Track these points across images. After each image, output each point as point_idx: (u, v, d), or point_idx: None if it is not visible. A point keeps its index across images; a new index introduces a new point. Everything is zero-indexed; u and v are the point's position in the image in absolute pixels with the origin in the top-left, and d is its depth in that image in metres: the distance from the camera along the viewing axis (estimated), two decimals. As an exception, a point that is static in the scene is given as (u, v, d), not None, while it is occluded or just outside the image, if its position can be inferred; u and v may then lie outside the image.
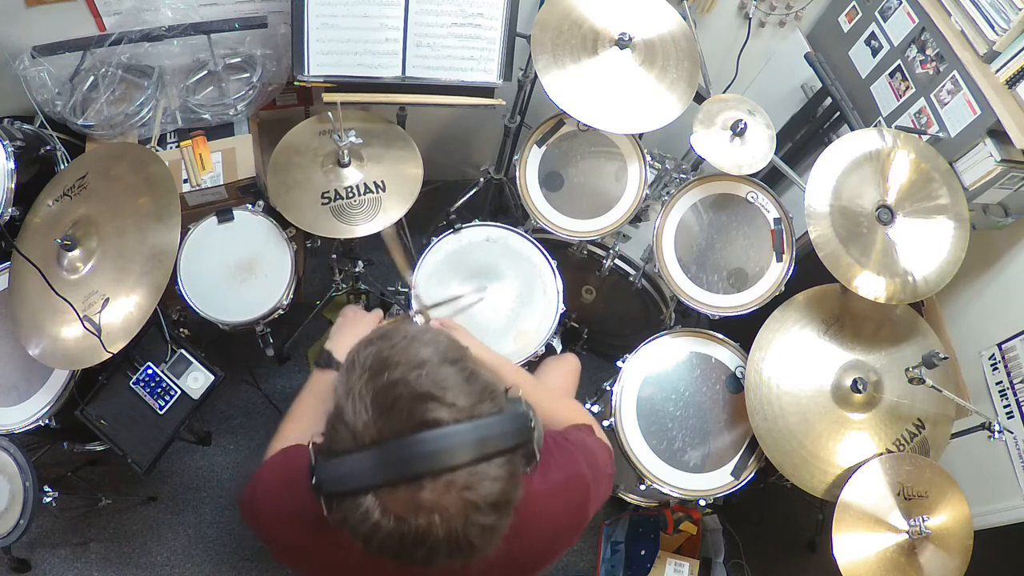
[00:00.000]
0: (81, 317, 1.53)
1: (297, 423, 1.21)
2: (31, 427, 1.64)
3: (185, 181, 1.89)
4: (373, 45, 1.78)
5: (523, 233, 1.88)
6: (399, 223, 1.83)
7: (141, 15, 1.79)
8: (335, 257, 2.14)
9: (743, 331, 1.81)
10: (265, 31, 1.89)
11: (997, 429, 1.56)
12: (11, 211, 1.63)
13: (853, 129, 1.94)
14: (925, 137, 1.78)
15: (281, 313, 1.84)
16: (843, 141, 1.72)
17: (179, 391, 1.74)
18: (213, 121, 1.94)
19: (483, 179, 2.43)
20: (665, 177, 2.02)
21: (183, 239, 1.77)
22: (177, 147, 1.92)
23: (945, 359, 1.57)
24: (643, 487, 1.78)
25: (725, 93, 1.99)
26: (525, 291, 1.83)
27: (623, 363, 1.83)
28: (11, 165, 1.62)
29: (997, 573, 1.83)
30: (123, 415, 1.72)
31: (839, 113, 2.07)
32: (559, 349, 1.97)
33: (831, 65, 2.11)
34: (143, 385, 1.73)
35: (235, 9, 1.88)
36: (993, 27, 1.63)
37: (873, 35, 2.03)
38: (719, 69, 2.28)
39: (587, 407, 1.93)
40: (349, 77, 1.81)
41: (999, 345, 1.81)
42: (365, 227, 1.74)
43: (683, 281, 1.86)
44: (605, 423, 1.79)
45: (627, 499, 1.99)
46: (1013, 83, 1.62)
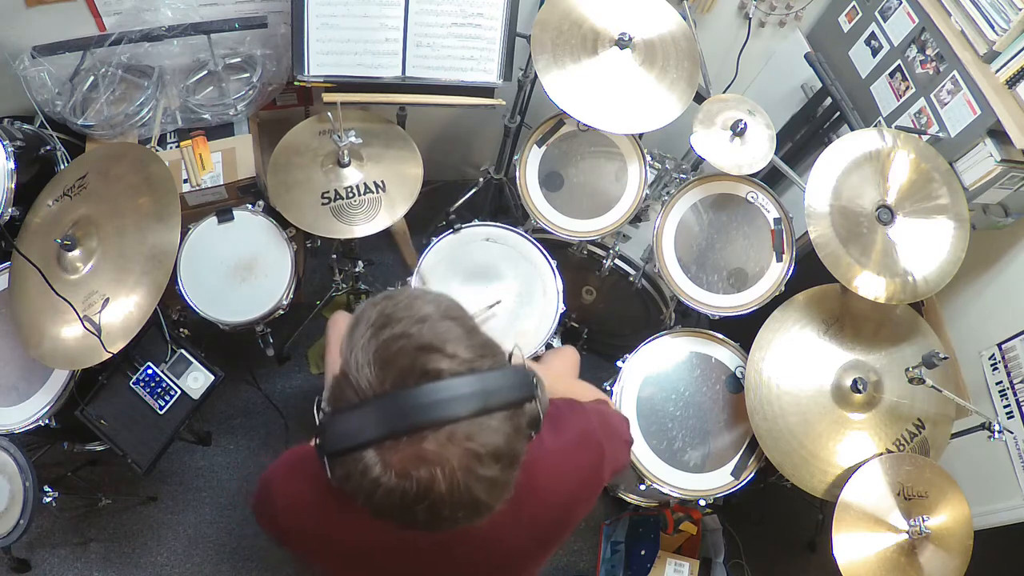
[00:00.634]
0: (81, 317, 1.53)
1: None
2: (31, 427, 1.64)
3: (185, 181, 1.89)
4: (373, 45, 1.78)
5: (523, 233, 1.88)
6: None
7: (141, 15, 1.79)
8: (335, 257, 2.14)
9: (743, 331, 1.81)
10: (265, 31, 1.89)
11: (997, 429, 1.56)
12: (11, 211, 1.63)
13: (853, 129, 1.94)
14: (925, 137, 1.78)
15: (281, 313, 1.84)
16: (843, 141, 1.72)
17: (179, 391, 1.74)
18: (213, 121, 1.94)
19: (483, 179, 2.43)
20: (665, 177, 2.02)
21: (183, 239, 1.77)
22: (177, 147, 1.92)
23: (945, 359, 1.57)
24: (643, 487, 1.77)
25: (725, 93, 1.99)
26: (525, 291, 1.83)
27: (623, 363, 1.83)
28: (11, 165, 1.62)
29: (997, 573, 1.83)
30: (123, 415, 1.72)
31: (839, 113, 2.07)
32: (559, 349, 1.97)
33: (831, 65, 2.11)
34: (143, 385, 1.73)
35: (235, 9, 1.88)
36: (993, 27, 1.63)
37: (873, 35, 2.03)
38: (719, 69, 2.28)
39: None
40: (349, 77, 1.81)
41: (999, 345, 1.81)
42: (365, 227, 1.74)
43: (683, 281, 1.86)
44: (605, 423, 1.79)
45: (627, 499, 2.00)
46: (1013, 83, 1.62)
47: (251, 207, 1.86)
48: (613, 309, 2.27)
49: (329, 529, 0.92)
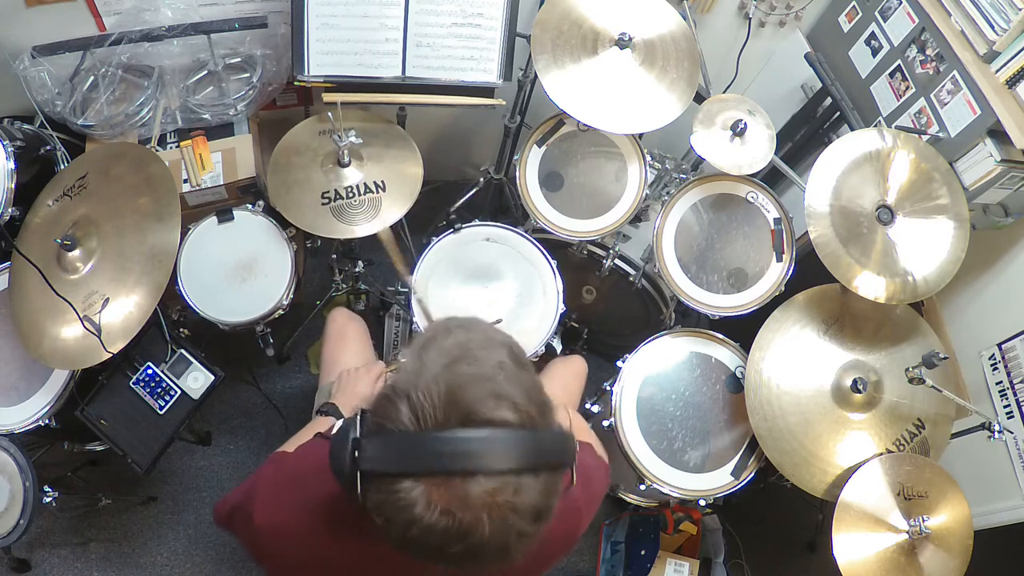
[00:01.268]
0: (81, 317, 1.53)
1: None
2: (31, 427, 1.64)
3: (185, 181, 1.89)
4: (373, 45, 1.78)
5: (523, 233, 1.88)
6: (398, 224, 1.83)
7: (141, 15, 1.79)
8: (335, 257, 2.14)
9: (743, 331, 1.81)
10: (265, 31, 1.89)
11: (997, 429, 1.56)
12: (11, 211, 1.63)
13: (853, 129, 1.94)
14: (925, 137, 1.78)
15: (281, 313, 1.84)
16: (843, 141, 1.72)
17: (179, 391, 1.74)
18: (213, 121, 1.94)
19: (483, 179, 2.43)
20: (665, 177, 2.02)
21: (183, 239, 1.77)
22: (177, 147, 1.92)
23: (945, 359, 1.57)
24: (643, 487, 1.77)
25: (725, 93, 1.99)
26: (525, 291, 1.83)
27: (623, 363, 1.83)
28: (11, 165, 1.62)
29: (997, 573, 1.83)
30: (123, 415, 1.72)
31: (839, 113, 2.07)
32: (559, 349, 1.97)
33: (831, 65, 2.11)
34: (143, 385, 1.73)
35: (235, 9, 1.88)
36: (993, 27, 1.63)
37: (873, 35, 2.03)
38: (719, 69, 2.28)
39: (587, 407, 1.93)
40: (349, 77, 1.81)
41: (999, 345, 1.81)
42: (365, 227, 1.74)
43: (683, 281, 1.86)
44: (605, 423, 1.79)
45: (627, 499, 1.99)
46: (1013, 83, 1.62)
47: (251, 207, 1.86)
48: (613, 309, 2.27)
49: (313, 562, 0.91)
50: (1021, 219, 1.79)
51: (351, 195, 1.76)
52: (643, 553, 2.02)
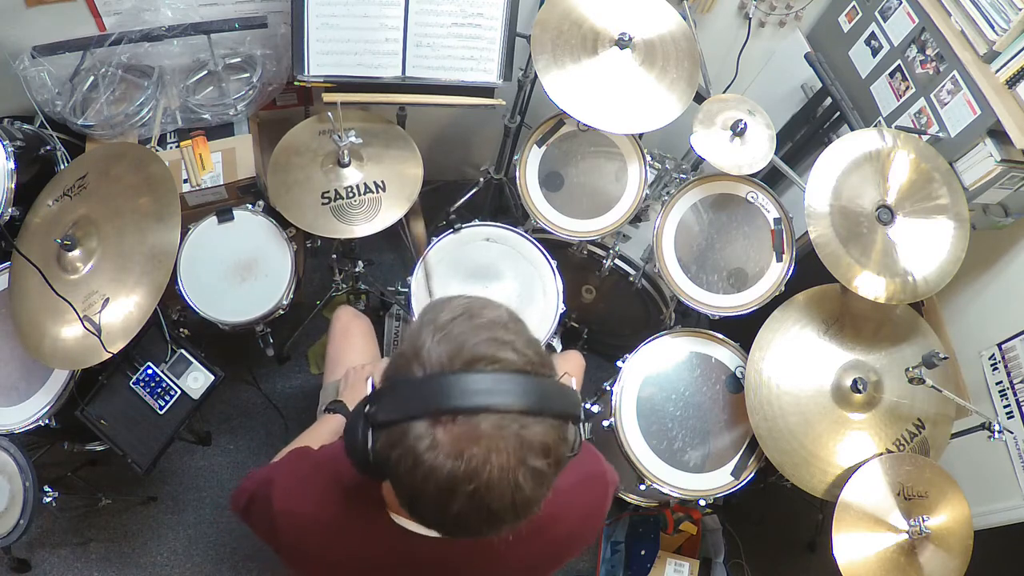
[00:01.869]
0: (81, 317, 1.53)
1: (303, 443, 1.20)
2: (31, 427, 1.64)
3: (185, 181, 1.89)
4: (373, 45, 1.78)
5: (523, 233, 1.88)
6: (399, 224, 1.82)
7: (141, 15, 1.79)
8: (335, 257, 2.14)
9: (743, 331, 1.81)
10: (265, 31, 1.89)
11: (997, 429, 1.56)
12: (11, 211, 1.63)
13: (853, 129, 1.94)
14: (925, 137, 1.78)
15: (281, 313, 1.84)
16: (843, 141, 1.72)
17: (179, 391, 1.74)
18: (213, 121, 1.94)
19: (483, 179, 2.43)
20: (665, 177, 2.02)
21: (183, 239, 1.77)
22: (177, 147, 1.92)
23: (945, 359, 1.57)
24: (643, 487, 1.77)
25: (725, 93, 1.99)
26: (525, 291, 1.83)
27: (623, 363, 1.83)
28: (11, 165, 1.62)
29: (997, 573, 1.83)
30: (123, 415, 1.72)
31: (839, 113, 2.07)
32: (559, 349, 1.97)
33: (831, 65, 2.11)
34: (143, 385, 1.73)
35: (235, 9, 1.88)
36: (993, 27, 1.63)
37: (873, 35, 2.03)
38: (719, 69, 2.28)
39: (587, 407, 1.93)
40: (349, 77, 1.81)
41: (999, 345, 1.81)
42: (365, 227, 1.74)
43: (683, 281, 1.86)
44: (605, 423, 1.79)
45: (627, 499, 1.99)
46: (1013, 83, 1.62)
47: (251, 207, 1.86)
48: (613, 309, 2.27)
49: (331, 551, 0.92)
50: (1021, 219, 1.79)
51: (351, 195, 1.76)
52: (643, 553, 2.02)
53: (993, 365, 1.82)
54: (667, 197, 1.93)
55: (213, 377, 1.76)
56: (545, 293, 1.83)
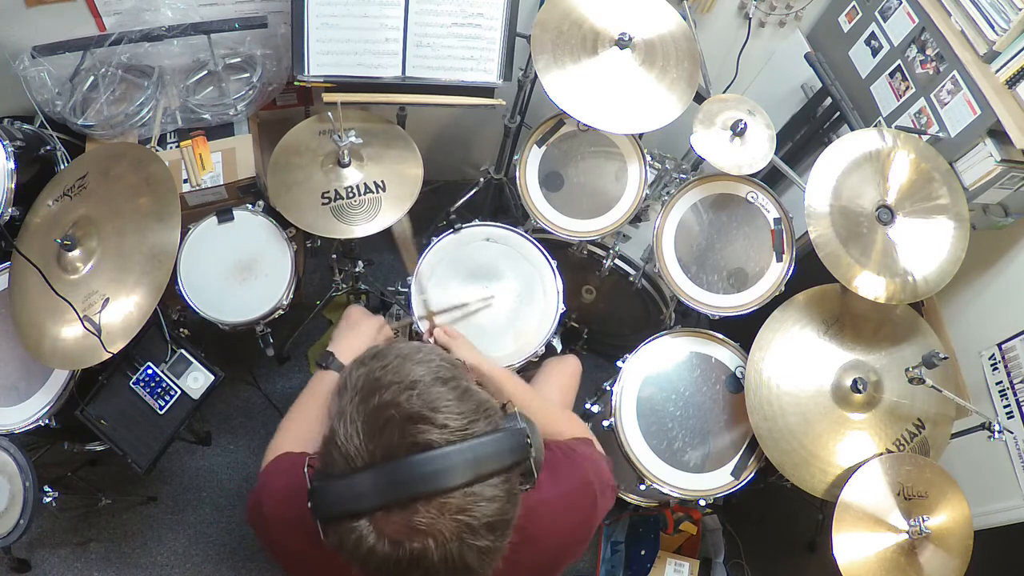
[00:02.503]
0: (81, 317, 1.53)
1: (297, 424, 1.21)
2: (31, 427, 1.64)
3: (185, 181, 1.89)
4: (373, 45, 1.78)
5: (523, 233, 1.88)
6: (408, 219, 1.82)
7: (141, 15, 1.79)
8: (335, 257, 2.14)
9: (743, 331, 1.81)
10: (265, 31, 1.89)
11: (997, 429, 1.56)
12: (11, 211, 1.63)
13: (853, 129, 1.94)
14: (925, 137, 1.78)
15: (281, 313, 1.84)
16: (843, 141, 1.72)
17: (179, 391, 1.74)
18: (213, 121, 1.94)
19: (483, 179, 2.43)
20: (665, 177, 2.02)
21: (183, 239, 1.77)
22: (177, 147, 1.92)
23: (945, 359, 1.57)
24: (643, 487, 1.78)
25: (725, 93, 1.99)
26: (525, 291, 1.83)
27: (623, 363, 1.83)
28: (11, 165, 1.62)
29: (997, 573, 1.82)
30: (123, 415, 1.72)
31: (839, 113, 2.07)
32: (559, 349, 1.97)
33: (831, 65, 2.11)
34: (143, 385, 1.73)
35: (235, 9, 1.88)
36: (993, 27, 1.63)
37: (873, 35, 2.03)
38: (719, 69, 2.28)
39: (587, 407, 1.93)
40: (349, 77, 1.81)
41: (999, 345, 1.81)
42: (365, 227, 1.74)
43: (683, 281, 1.86)
44: (605, 423, 1.79)
45: (627, 499, 1.99)
46: (1013, 83, 1.62)
47: (251, 207, 1.86)
48: (613, 309, 2.27)
49: (316, 553, 0.91)
50: (1021, 219, 1.79)
51: (351, 195, 1.76)
52: (643, 553, 2.03)
53: (993, 365, 1.82)
54: (667, 197, 1.93)
55: (213, 377, 1.76)
56: (545, 293, 1.83)
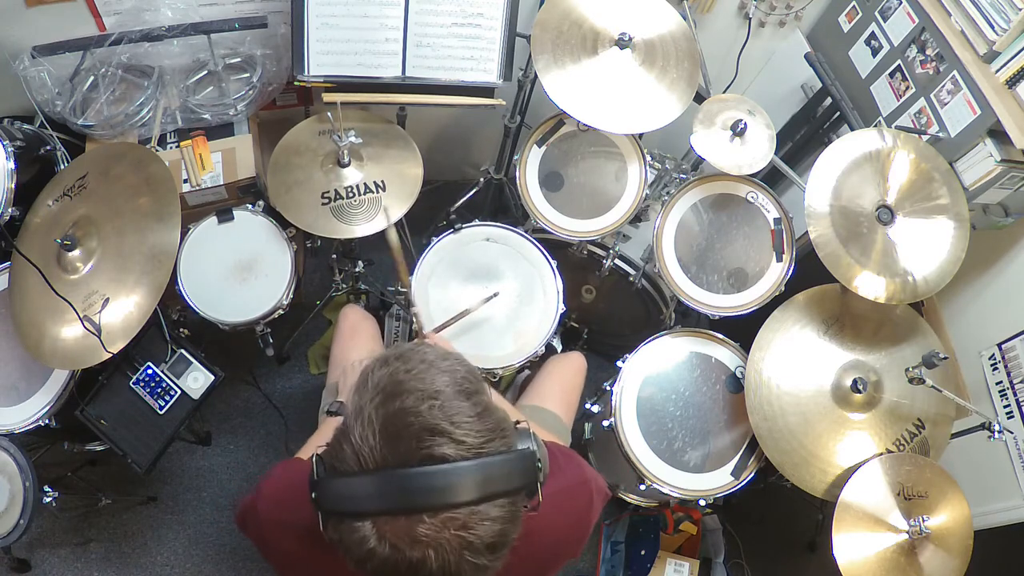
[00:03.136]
0: (81, 317, 1.53)
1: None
2: (31, 427, 1.64)
3: (185, 181, 1.89)
4: (373, 45, 1.78)
5: (523, 233, 1.88)
6: (400, 225, 1.82)
7: (141, 15, 1.79)
8: (335, 257, 2.14)
9: (743, 331, 1.81)
10: (265, 31, 1.89)
11: (997, 429, 1.56)
12: (11, 211, 1.63)
13: (853, 129, 1.94)
14: (925, 137, 1.78)
15: (281, 313, 1.84)
16: (843, 141, 1.72)
17: (179, 391, 1.74)
18: (213, 121, 1.94)
19: (483, 179, 2.43)
20: (665, 177, 2.02)
21: (183, 239, 1.77)
22: (177, 147, 1.92)
23: (945, 359, 1.57)
24: (643, 487, 1.77)
25: (725, 93, 1.99)
26: (525, 291, 1.83)
27: (623, 363, 1.83)
28: (11, 165, 1.62)
29: (997, 573, 1.83)
30: (123, 415, 1.72)
31: (839, 113, 2.07)
32: (559, 349, 1.97)
33: (831, 65, 2.11)
34: (143, 385, 1.73)
35: (235, 9, 1.88)
36: (993, 27, 1.63)
37: (873, 35, 2.03)
38: (719, 69, 2.28)
39: (587, 407, 1.93)
40: (349, 77, 1.81)
41: (999, 345, 1.81)
42: (365, 227, 1.74)
43: (683, 281, 1.86)
44: (605, 423, 1.79)
45: (627, 499, 1.99)
46: (1013, 83, 1.62)
47: (251, 207, 1.86)
48: (613, 309, 2.27)
49: (315, 559, 0.92)
50: (1021, 219, 1.79)
51: (351, 195, 1.76)
52: (643, 553, 2.03)
53: (993, 365, 1.82)
54: (667, 197, 1.93)
55: (213, 377, 1.76)
56: (545, 293, 1.83)
